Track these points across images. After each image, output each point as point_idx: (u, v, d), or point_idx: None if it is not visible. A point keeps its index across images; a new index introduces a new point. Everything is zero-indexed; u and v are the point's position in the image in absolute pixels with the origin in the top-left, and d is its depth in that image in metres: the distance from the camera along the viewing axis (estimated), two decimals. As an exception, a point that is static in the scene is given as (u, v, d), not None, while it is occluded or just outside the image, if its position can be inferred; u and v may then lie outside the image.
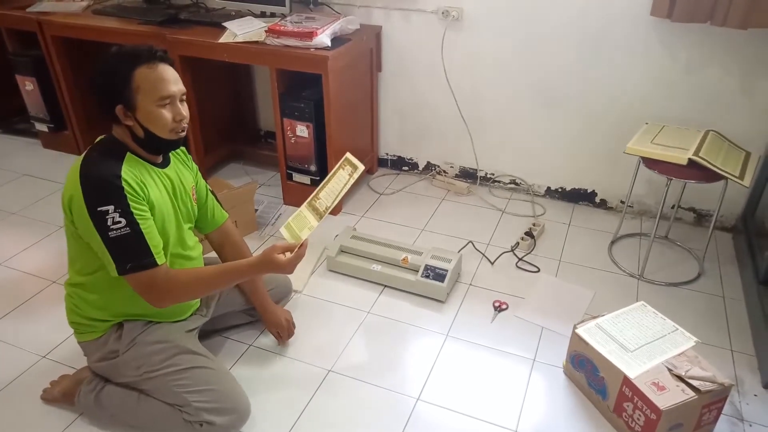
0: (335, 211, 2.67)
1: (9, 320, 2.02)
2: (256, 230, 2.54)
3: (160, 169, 1.51)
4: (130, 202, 1.36)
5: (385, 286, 2.19)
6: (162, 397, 1.54)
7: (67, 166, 1.45)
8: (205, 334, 1.86)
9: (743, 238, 2.35)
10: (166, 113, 1.41)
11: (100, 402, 1.60)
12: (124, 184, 1.36)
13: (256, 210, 2.60)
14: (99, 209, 1.33)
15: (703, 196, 2.52)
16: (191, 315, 1.71)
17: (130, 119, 1.40)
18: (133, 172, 1.41)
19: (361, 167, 1.57)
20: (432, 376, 1.81)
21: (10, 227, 2.55)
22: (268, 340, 1.93)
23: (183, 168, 1.63)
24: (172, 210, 1.53)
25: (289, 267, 1.45)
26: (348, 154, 1.63)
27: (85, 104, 3.06)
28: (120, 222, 1.34)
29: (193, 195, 1.64)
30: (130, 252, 1.37)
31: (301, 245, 1.46)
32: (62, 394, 1.67)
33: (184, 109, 1.45)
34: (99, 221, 1.34)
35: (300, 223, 1.52)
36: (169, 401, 1.53)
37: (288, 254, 1.45)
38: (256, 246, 2.40)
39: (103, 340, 1.57)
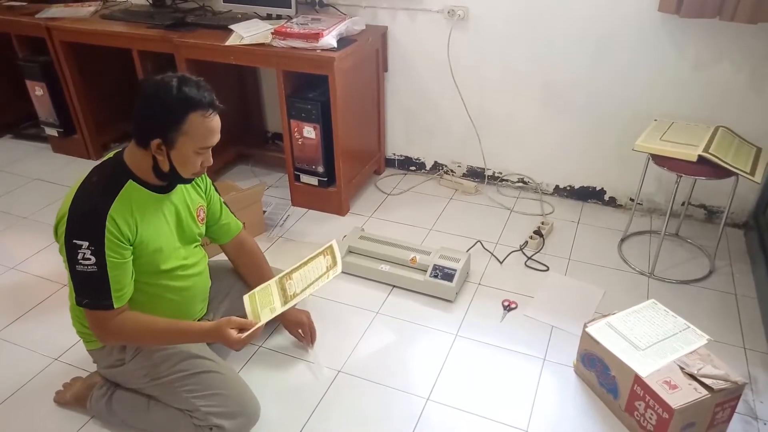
0: (343, 211, 2.67)
1: (21, 323, 2.04)
2: (264, 232, 2.55)
3: (163, 195, 1.49)
4: (107, 243, 1.33)
5: (394, 286, 2.19)
6: (171, 402, 1.54)
7: (77, 171, 1.46)
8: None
9: (755, 235, 2.33)
10: (199, 160, 1.41)
11: (111, 407, 1.61)
12: (109, 223, 1.34)
13: (265, 212, 2.61)
14: (74, 241, 1.33)
15: (714, 193, 2.50)
16: (197, 320, 1.70)
17: (162, 154, 1.38)
18: (125, 207, 1.38)
19: (340, 268, 1.57)
20: (441, 376, 1.81)
21: (22, 231, 2.57)
22: (277, 341, 1.94)
23: (191, 189, 1.60)
24: (170, 236, 1.52)
25: (237, 346, 1.42)
26: (333, 243, 1.58)
27: (94, 109, 3.08)
28: (90, 259, 1.33)
29: (198, 216, 1.62)
30: (90, 290, 1.37)
31: (257, 327, 1.41)
32: (74, 398, 1.69)
33: (211, 157, 1.46)
34: (71, 251, 1.34)
35: (264, 299, 1.47)
36: (178, 406, 1.53)
37: (242, 334, 1.40)
38: (264, 247, 2.41)
39: (108, 349, 1.57)
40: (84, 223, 1.34)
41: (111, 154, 1.48)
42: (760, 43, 2.18)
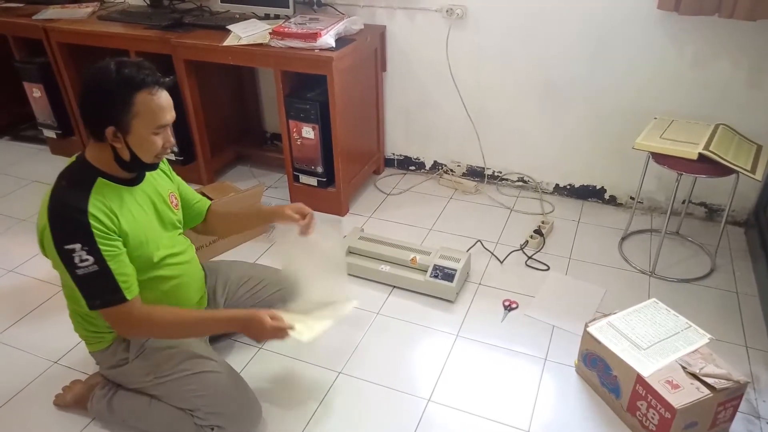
0: (343, 211, 2.66)
1: (20, 326, 2.03)
2: (264, 233, 2.54)
3: (134, 187, 1.47)
4: (97, 239, 1.32)
5: (394, 286, 2.18)
6: (172, 402, 1.54)
7: (74, 173, 1.44)
8: (214, 337, 1.86)
9: (756, 233, 2.32)
10: (158, 140, 1.38)
11: (112, 407, 1.61)
12: (91, 219, 1.31)
13: (264, 212, 2.60)
14: (66, 247, 1.30)
15: (715, 191, 2.49)
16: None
17: (119, 141, 1.35)
18: (102, 202, 1.36)
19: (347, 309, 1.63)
20: (443, 377, 1.80)
21: (21, 234, 2.57)
22: (277, 343, 1.92)
23: (158, 176, 1.58)
24: (151, 226, 1.50)
25: (269, 333, 1.41)
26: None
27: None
28: (87, 260, 1.31)
29: (172, 203, 1.59)
30: (99, 289, 1.35)
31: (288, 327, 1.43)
32: (75, 400, 1.68)
33: (172, 135, 1.43)
34: (66, 258, 1.31)
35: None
36: (180, 406, 1.53)
37: (275, 322, 1.41)
38: (263, 248, 2.41)
39: (112, 349, 1.57)
40: (68, 226, 1.32)
41: (73, 158, 1.45)
42: (759, 40, 2.17)
